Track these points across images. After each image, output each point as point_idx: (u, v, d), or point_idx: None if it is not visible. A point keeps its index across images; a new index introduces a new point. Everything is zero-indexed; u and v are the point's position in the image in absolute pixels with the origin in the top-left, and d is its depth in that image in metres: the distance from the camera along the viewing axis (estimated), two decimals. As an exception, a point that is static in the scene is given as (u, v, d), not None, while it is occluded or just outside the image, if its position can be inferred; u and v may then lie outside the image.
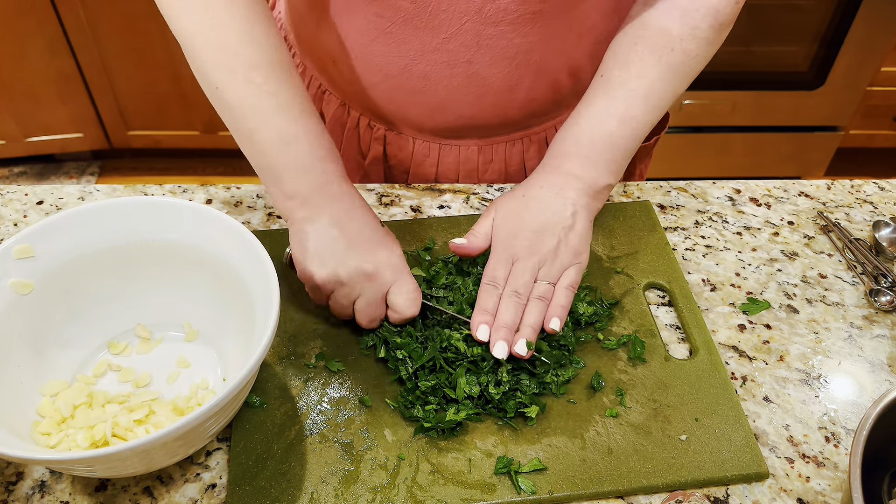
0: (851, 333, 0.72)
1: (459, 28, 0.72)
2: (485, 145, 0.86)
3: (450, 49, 0.73)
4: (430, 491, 0.57)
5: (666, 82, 0.70)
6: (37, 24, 1.96)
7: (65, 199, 0.82)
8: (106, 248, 0.64)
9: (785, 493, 0.59)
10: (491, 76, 0.76)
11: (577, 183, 0.70)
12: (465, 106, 0.79)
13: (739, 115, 2.13)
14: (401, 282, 0.64)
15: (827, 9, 1.92)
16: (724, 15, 0.68)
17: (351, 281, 0.63)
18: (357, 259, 0.63)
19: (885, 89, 2.18)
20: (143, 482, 0.58)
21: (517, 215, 0.69)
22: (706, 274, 0.77)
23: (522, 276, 0.66)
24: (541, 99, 0.81)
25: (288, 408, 0.62)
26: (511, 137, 0.86)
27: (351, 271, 0.63)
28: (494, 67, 0.75)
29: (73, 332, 0.64)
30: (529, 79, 0.78)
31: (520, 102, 0.80)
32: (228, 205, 0.82)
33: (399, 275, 0.65)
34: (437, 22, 0.71)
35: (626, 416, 0.63)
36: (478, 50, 0.73)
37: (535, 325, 0.65)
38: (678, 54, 0.69)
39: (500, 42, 0.73)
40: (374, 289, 0.64)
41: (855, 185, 0.89)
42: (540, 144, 0.88)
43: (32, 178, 2.36)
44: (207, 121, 2.22)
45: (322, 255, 0.63)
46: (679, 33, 0.68)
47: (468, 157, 0.86)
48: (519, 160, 0.88)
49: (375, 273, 0.63)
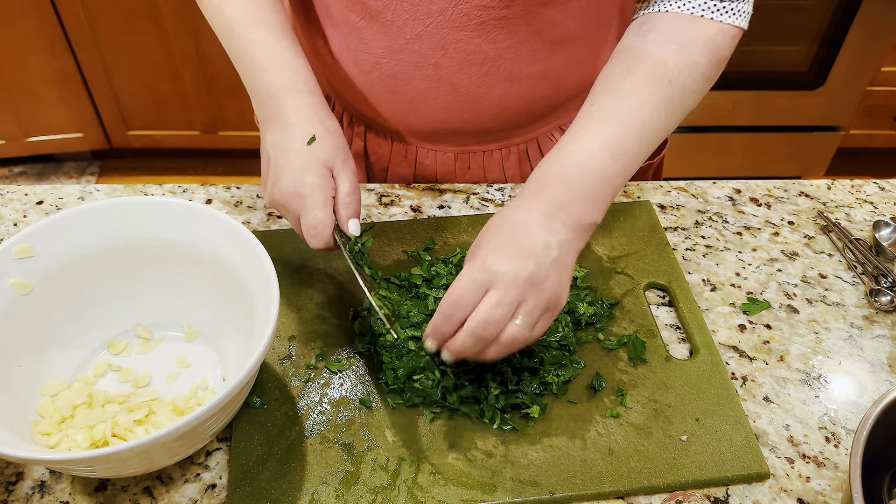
0: (851, 333, 0.72)
1: (424, 30, 0.71)
2: (461, 153, 0.85)
3: (415, 50, 0.73)
4: (430, 491, 0.57)
5: (662, 116, 0.64)
6: (37, 24, 1.96)
7: (65, 199, 0.82)
8: (106, 248, 0.64)
9: (785, 493, 0.59)
10: (460, 81, 0.75)
11: (563, 215, 0.60)
12: (436, 109, 0.78)
13: (739, 115, 2.13)
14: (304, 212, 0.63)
15: (827, 9, 1.92)
16: (722, 49, 0.66)
17: (279, 207, 0.65)
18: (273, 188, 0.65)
19: (885, 89, 2.17)
20: (143, 482, 0.58)
21: (498, 234, 0.59)
22: (706, 274, 0.77)
23: (497, 309, 0.55)
24: (515, 108, 0.79)
25: (288, 408, 0.62)
26: (488, 147, 0.85)
27: (272, 200, 0.65)
28: (463, 73, 0.74)
29: (73, 332, 0.64)
30: (501, 87, 0.76)
31: (493, 110, 0.78)
32: (228, 205, 0.82)
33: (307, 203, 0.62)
34: (400, 21, 0.71)
35: (627, 417, 0.63)
36: (444, 54, 0.73)
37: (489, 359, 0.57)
38: (676, 87, 0.64)
39: (467, 47, 0.72)
40: (290, 217, 0.65)
41: (855, 185, 0.89)
42: (520, 156, 0.86)
43: (32, 178, 2.36)
44: (207, 121, 2.22)
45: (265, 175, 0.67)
46: (677, 65, 0.64)
47: (444, 162, 0.86)
48: (498, 169, 0.87)
49: (283, 203, 0.64)
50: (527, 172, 0.87)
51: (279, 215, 0.80)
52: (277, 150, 0.65)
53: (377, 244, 0.77)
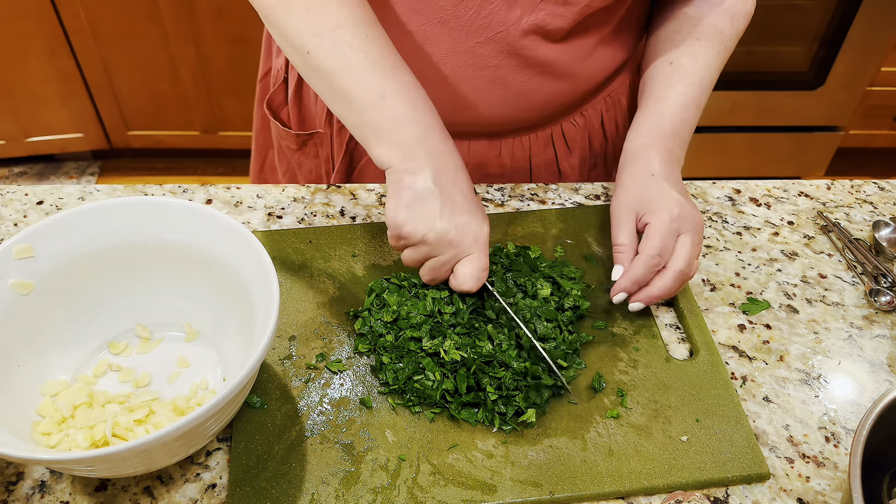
0: (851, 333, 0.72)
1: (494, 35, 0.74)
2: (494, 140, 0.87)
3: (480, 53, 0.75)
4: (430, 492, 0.57)
5: (715, 74, 0.78)
6: (37, 25, 1.96)
7: (65, 199, 0.82)
8: (106, 248, 0.64)
9: (785, 493, 0.59)
10: (514, 80, 0.78)
11: (675, 161, 0.74)
12: (486, 106, 0.80)
13: (739, 115, 2.13)
14: (475, 255, 0.65)
15: (827, 9, 1.92)
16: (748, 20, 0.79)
17: (436, 243, 0.64)
18: (446, 223, 0.64)
19: (885, 89, 2.18)
20: (143, 482, 0.58)
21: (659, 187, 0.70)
22: (706, 274, 0.77)
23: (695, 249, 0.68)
24: (555, 102, 0.83)
25: (288, 408, 0.62)
26: (520, 134, 0.87)
27: (438, 234, 0.64)
28: (519, 73, 0.78)
29: (73, 332, 0.64)
30: (549, 84, 0.80)
31: (538, 105, 0.82)
32: (228, 205, 0.82)
33: (476, 248, 0.65)
34: (473, 27, 0.73)
35: (627, 417, 0.63)
36: (507, 56, 0.75)
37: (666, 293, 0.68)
38: (727, 52, 0.78)
39: (529, 52, 0.76)
40: (449, 254, 0.65)
41: (855, 185, 0.89)
42: (545, 141, 0.88)
43: (32, 178, 2.36)
44: (207, 121, 2.22)
45: (415, 209, 0.64)
46: (730, 33, 0.78)
47: (479, 152, 0.87)
48: (524, 156, 0.89)
49: (457, 242, 0.64)
50: (550, 156, 0.90)
51: (279, 215, 0.80)
52: (447, 188, 0.64)
53: (377, 244, 0.77)
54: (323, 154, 0.92)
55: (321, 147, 0.91)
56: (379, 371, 0.65)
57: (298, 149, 0.93)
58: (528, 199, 0.85)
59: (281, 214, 0.81)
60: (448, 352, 0.63)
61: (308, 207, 0.82)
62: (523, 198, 0.85)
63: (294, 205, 0.82)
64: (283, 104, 0.92)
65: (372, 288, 0.71)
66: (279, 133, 0.94)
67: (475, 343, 0.64)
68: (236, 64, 2.08)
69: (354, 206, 0.82)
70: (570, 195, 0.86)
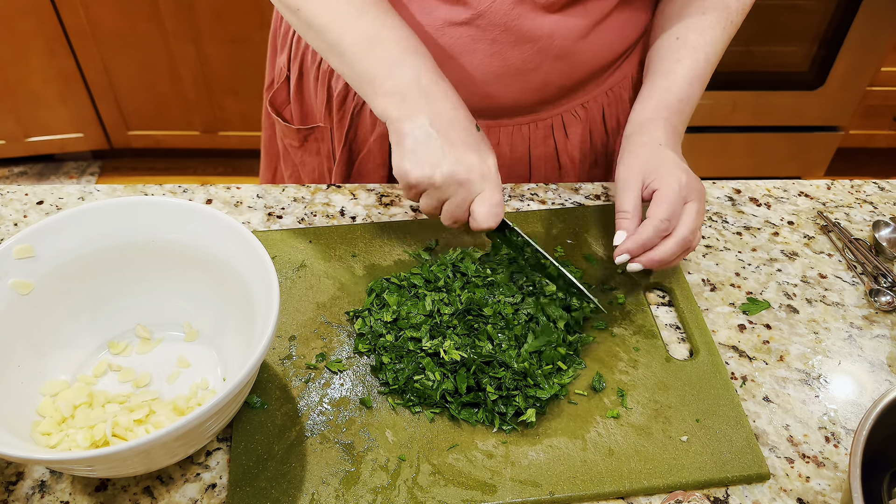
0: (851, 333, 0.72)
1: (491, 5, 0.73)
2: (493, 126, 0.86)
3: (478, 25, 0.75)
4: (430, 492, 0.57)
5: (721, 50, 0.79)
6: (37, 25, 1.96)
7: (65, 199, 0.82)
8: (106, 248, 0.64)
9: (785, 493, 0.59)
10: (512, 56, 0.77)
11: (677, 135, 0.75)
12: (482, 83, 0.80)
13: (739, 115, 2.13)
14: (487, 192, 0.66)
15: (827, 9, 1.92)
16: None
17: (444, 184, 0.64)
18: (451, 163, 0.64)
19: (885, 89, 2.17)
20: (143, 482, 0.58)
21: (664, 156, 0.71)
22: (706, 274, 0.77)
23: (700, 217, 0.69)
24: (555, 84, 0.82)
25: (288, 408, 0.62)
26: (519, 122, 0.86)
27: (445, 175, 0.64)
28: (516, 48, 0.77)
29: (73, 332, 0.64)
30: (549, 63, 0.79)
31: (535, 86, 0.81)
32: (228, 205, 0.82)
33: (487, 183, 0.65)
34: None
35: (627, 417, 0.63)
36: (505, 29, 0.75)
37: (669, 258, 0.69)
38: (733, 27, 0.79)
39: (527, 24, 0.75)
40: (462, 194, 0.65)
41: (855, 185, 0.89)
42: (545, 132, 0.87)
43: (32, 178, 2.36)
44: (207, 121, 2.22)
45: (418, 155, 0.64)
46: (736, 9, 0.79)
47: None
48: (524, 148, 0.88)
49: (466, 180, 0.65)
50: (550, 149, 0.89)
51: (279, 215, 0.80)
52: (445, 128, 0.65)
53: (377, 244, 0.77)
54: (324, 150, 0.92)
55: (322, 143, 0.91)
56: (379, 371, 0.65)
57: (300, 146, 0.93)
58: (528, 199, 0.85)
59: (281, 214, 0.81)
60: (448, 352, 0.63)
61: (308, 207, 0.82)
62: (523, 198, 0.85)
63: (294, 205, 0.82)
64: (286, 102, 0.92)
65: (372, 288, 0.71)
66: (283, 131, 0.94)
67: (475, 343, 0.64)
68: (236, 64, 2.08)
69: (354, 206, 0.82)
70: (571, 195, 0.86)
